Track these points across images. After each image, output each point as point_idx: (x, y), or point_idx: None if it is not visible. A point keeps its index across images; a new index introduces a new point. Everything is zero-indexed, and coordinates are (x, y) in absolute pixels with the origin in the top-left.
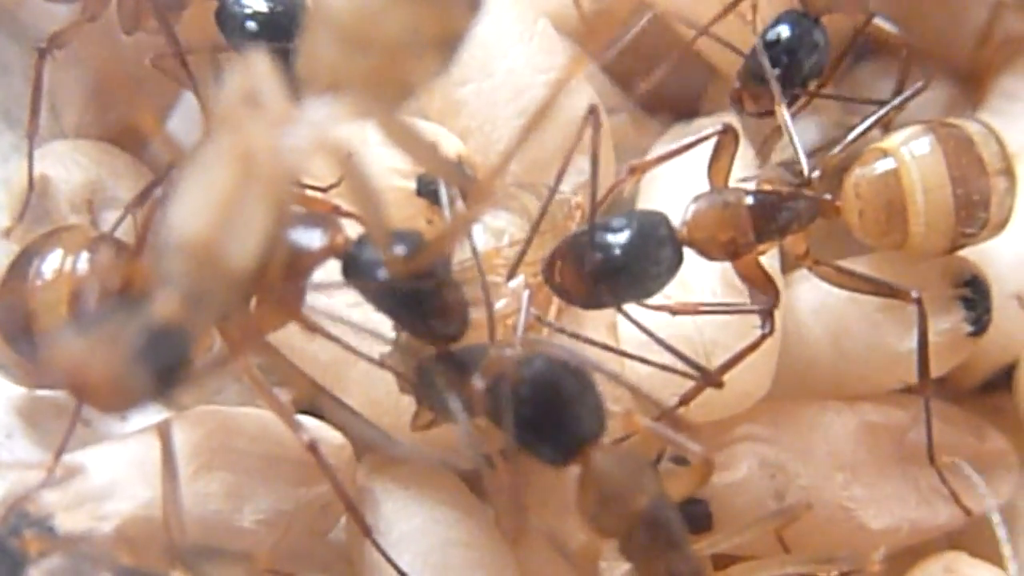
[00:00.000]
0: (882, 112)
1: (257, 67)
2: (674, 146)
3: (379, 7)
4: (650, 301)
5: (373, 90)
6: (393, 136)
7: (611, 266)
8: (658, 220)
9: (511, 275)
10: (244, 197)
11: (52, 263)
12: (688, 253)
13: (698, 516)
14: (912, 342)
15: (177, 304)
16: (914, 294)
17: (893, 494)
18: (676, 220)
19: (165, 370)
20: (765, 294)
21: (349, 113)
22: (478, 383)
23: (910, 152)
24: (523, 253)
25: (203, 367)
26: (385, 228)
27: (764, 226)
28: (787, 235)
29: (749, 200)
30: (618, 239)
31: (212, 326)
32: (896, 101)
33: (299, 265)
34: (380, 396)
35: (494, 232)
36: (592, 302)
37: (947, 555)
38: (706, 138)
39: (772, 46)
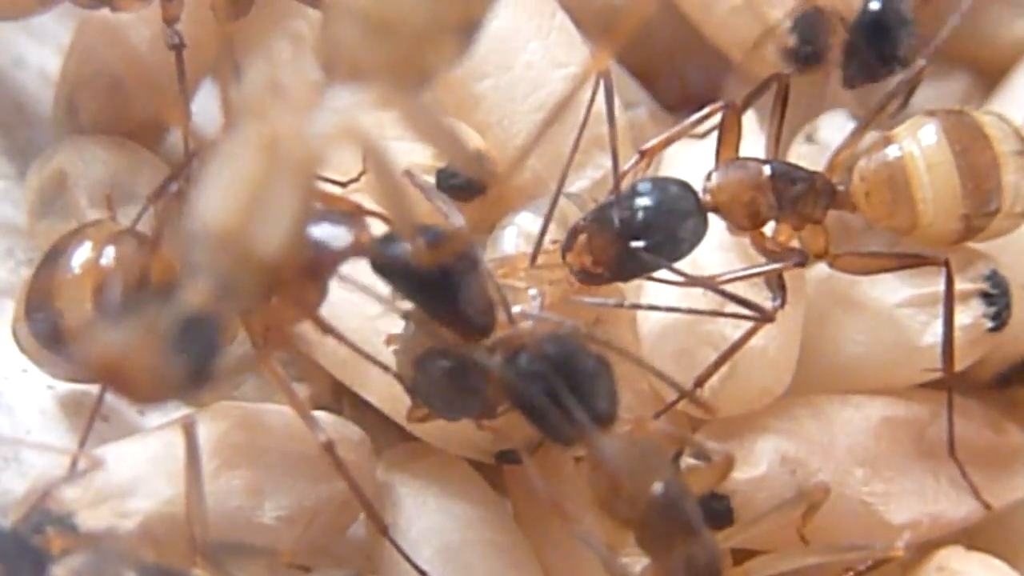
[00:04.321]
0: (886, 97)
1: (280, 55)
2: (680, 125)
3: None
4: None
5: (394, 77)
6: (414, 124)
7: (642, 219)
8: (679, 182)
9: (534, 258)
10: (270, 184)
11: (78, 259)
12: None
13: (719, 512)
14: (932, 337)
15: (207, 293)
16: (941, 256)
17: (913, 489)
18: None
19: (199, 359)
20: (791, 259)
21: (372, 100)
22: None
23: (911, 133)
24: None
25: (233, 360)
26: (410, 218)
27: (784, 191)
28: (805, 216)
29: (767, 168)
30: (644, 198)
31: (240, 315)
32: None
33: (322, 263)
34: (400, 392)
35: (528, 236)
36: (623, 265)
37: (940, 553)
38: (710, 115)
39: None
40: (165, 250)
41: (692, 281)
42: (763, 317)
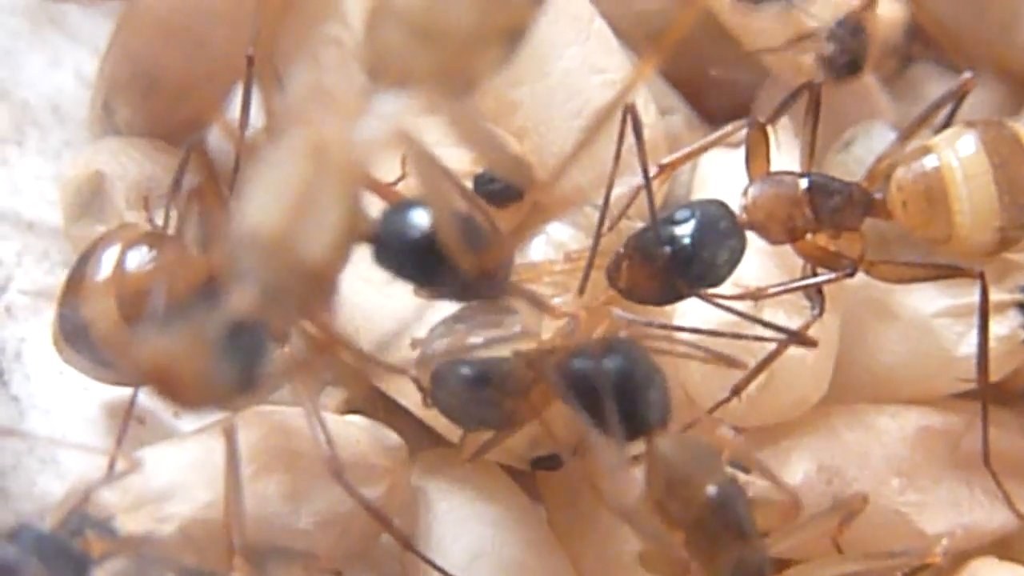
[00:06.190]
0: (929, 108)
1: (326, 60)
2: (701, 141)
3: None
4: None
5: (440, 83)
6: (458, 130)
7: (682, 256)
8: (718, 206)
9: (583, 288)
10: (317, 190)
11: (104, 263)
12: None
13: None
14: (967, 347)
15: (255, 299)
16: (977, 269)
17: (948, 499)
18: (735, 206)
19: (246, 365)
20: (837, 269)
21: (418, 106)
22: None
23: (949, 144)
24: (589, 266)
25: (278, 366)
26: (454, 223)
27: (821, 204)
28: (843, 225)
29: (804, 182)
30: (685, 229)
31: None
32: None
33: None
34: None
35: (555, 244)
36: (665, 296)
37: (973, 563)
38: (733, 131)
39: None
40: (192, 251)
41: (735, 296)
42: (801, 340)
